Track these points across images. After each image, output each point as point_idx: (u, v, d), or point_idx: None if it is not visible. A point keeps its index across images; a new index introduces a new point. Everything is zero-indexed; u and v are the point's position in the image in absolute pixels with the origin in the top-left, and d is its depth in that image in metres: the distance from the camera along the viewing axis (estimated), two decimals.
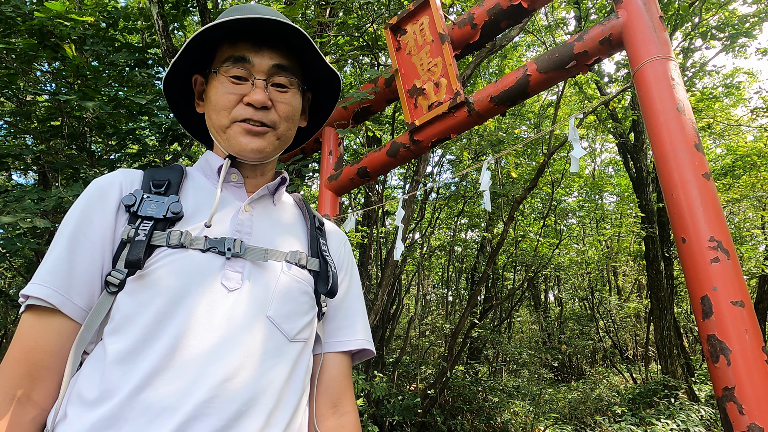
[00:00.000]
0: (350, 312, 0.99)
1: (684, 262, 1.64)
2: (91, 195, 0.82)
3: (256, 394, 0.75)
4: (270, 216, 0.93)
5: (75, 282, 0.76)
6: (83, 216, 0.80)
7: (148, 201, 0.82)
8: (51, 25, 2.64)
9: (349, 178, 3.02)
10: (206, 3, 4.09)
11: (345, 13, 4.43)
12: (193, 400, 0.70)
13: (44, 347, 0.74)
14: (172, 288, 0.76)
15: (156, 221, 0.80)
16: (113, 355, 0.73)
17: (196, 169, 0.94)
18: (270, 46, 0.88)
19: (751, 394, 1.43)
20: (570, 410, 7.39)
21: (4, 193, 2.98)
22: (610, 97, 5.31)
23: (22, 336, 0.75)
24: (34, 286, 0.75)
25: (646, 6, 1.91)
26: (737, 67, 17.47)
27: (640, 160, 8.20)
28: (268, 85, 0.87)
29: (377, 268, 7.69)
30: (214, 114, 0.88)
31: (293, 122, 0.92)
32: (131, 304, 0.75)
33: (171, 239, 0.79)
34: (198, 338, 0.74)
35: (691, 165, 1.67)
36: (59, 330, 0.75)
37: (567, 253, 10.55)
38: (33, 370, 0.73)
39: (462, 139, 6.67)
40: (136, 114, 3.26)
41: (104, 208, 0.81)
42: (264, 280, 0.83)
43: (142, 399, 0.69)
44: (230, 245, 0.81)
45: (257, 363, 0.77)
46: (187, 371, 0.72)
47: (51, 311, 0.75)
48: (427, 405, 6.13)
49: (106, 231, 0.80)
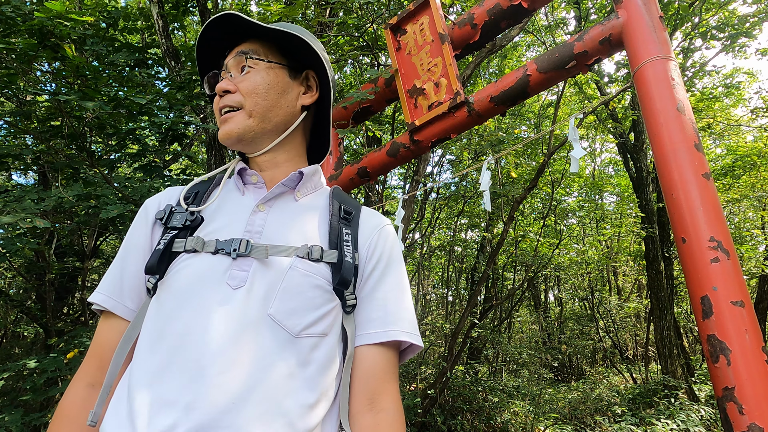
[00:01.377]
0: (383, 303, 0.92)
1: (684, 262, 1.64)
2: (139, 214, 0.97)
3: (248, 389, 0.76)
4: (287, 212, 0.94)
5: (126, 288, 0.90)
6: (131, 231, 0.95)
7: (175, 213, 0.92)
8: (51, 25, 2.64)
9: (349, 178, 3.02)
10: (206, 3, 4.09)
11: (345, 13, 4.43)
12: (189, 394, 0.74)
13: (108, 343, 0.89)
14: (179, 290, 0.83)
15: (179, 230, 0.89)
16: (138, 352, 0.83)
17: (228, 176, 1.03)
18: (240, 42, 0.97)
19: (751, 394, 1.43)
20: (570, 410, 7.39)
21: (4, 193, 2.98)
22: (610, 97, 5.31)
23: (95, 335, 0.91)
24: (95, 294, 0.91)
25: (646, 6, 1.91)
26: (737, 67, 17.47)
27: (640, 160, 8.20)
28: (229, 73, 0.96)
29: None
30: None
31: (261, 95, 0.94)
32: (154, 305, 0.86)
33: (187, 245, 0.87)
34: (198, 336, 0.79)
35: (691, 165, 1.67)
36: (117, 329, 0.90)
37: (567, 253, 10.55)
38: (102, 361, 0.88)
39: (462, 139, 6.68)
40: (136, 114, 3.26)
41: (145, 224, 0.95)
42: (269, 278, 0.84)
43: (152, 393, 0.77)
44: (236, 246, 0.85)
45: (253, 359, 0.78)
46: (188, 367, 0.77)
47: (110, 314, 0.90)
48: (427, 405, 6.13)
49: (145, 243, 0.93)
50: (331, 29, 4.29)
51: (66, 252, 5.66)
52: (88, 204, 3.15)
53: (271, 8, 3.99)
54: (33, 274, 5.41)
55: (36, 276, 5.40)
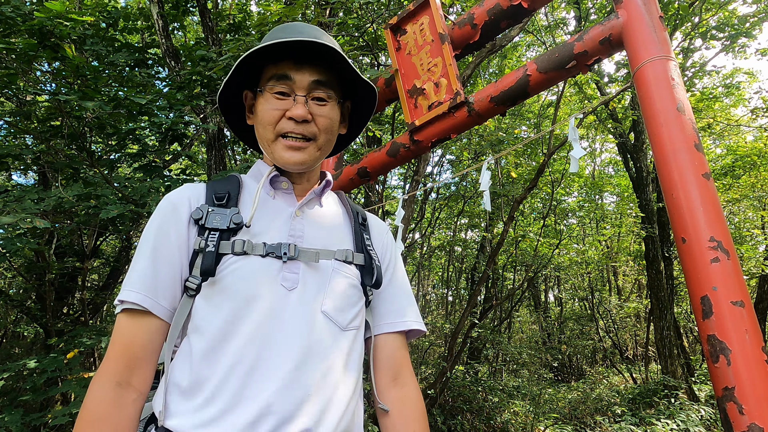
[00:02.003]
0: (398, 296, 1.10)
1: (684, 262, 1.64)
2: (165, 211, 0.95)
3: (318, 381, 0.87)
4: (318, 218, 1.03)
5: (160, 287, 0.90)
6: (161, 230, 0.93)
7: (213, 214, 0.94)
8: (51, 25, 2.64)
9: (349, 178, 3.02)
10: (206, 3, 4.09)
11: (345, 13, 4.43)
12: (268, 389, 0.83)
13: (139, 342, 0.88)
14: (240, 291, 0.88)
15: (221, 232, 0.92)
16: (198, 351, 0.87)
17: (250, 178, 1.05)
18: (310, 63, 0.96)
19: (751, 394, 1.43)
20: (570, 410, 7.39)
21: (4, 193, 2.98)
22: (610, 97, 5.31)
23: (120, 334, 0.89)
24: (128, 292, 0.89)
25: (646, 6, 1.91)
26: (737, 67, 17.47)
27: (640, 160, 8.20)
28: (308, 100, 0.96)
29: None
30: (261, 128, 0.98)
31: (332, 133, 1.01)
32: (206, 306, 0.89)
33: (235, 247, 0.91)
34: (267, 335, 0.87)
35: (691, 165, 1.67)
36: (149, 328, 0.90)
37: (567, 253, 10.55)
38: (131, 361, 0.87)
39: (462, 139, 6.68)
40: (136, 114, 3.26)
41: (177, 222, 0.94)
42: (317, 279, 0.94)
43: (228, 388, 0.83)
44: (285, 249, 0.92)
45: (318, 353, 0.89)
46: (261, 364, 0.85)
47: (143, 313, 0.89)
48: (427, 405, 6.13)
49: (182, 242, 0.93)
50: (331, 29, 4.29)
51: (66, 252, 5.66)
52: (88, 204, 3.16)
53: (271, 8, 3.99)
54: (33, 274, 5.41)
55: (36, 276, 5.40)
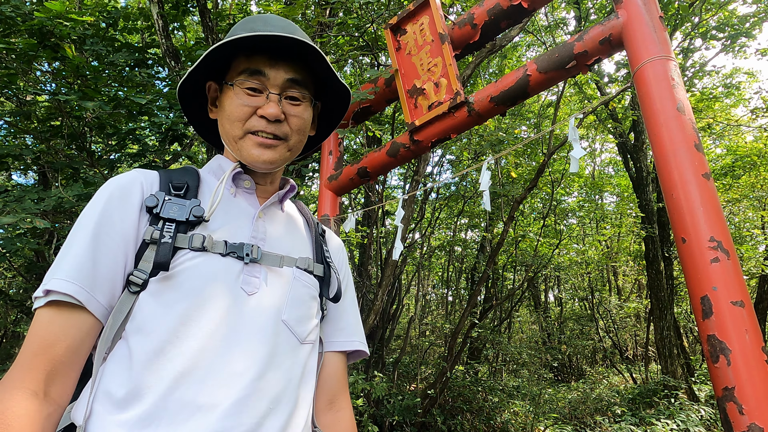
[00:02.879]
0: (347, 314, 1.05)
1: (684, 262, 1.64)
2: (112, 194, 0.83)
3: (279, 393, 0.81)
4: (279, 223, 0.97)
5: (99, 279, 0.77)
6: (105, 215, 0.81)
7: (169, 203, 0.84)
8: (51, 25, 2.64)
9: (349, 178, 3.02)
10: (206, 3, 4.09)
11: (345, 13, 4.43)
12: (228, 398, 0.75)
13: (65, 343, 0.74)
14: (196, 290, 0.79)
15: (178, 224, 0.83)
16: (141, 354, 0.75)
17: (208, 173, 0.96)
18: (285, 59, 0.91)
19: (751, 394, 1.43)
20: (570, 410, 7.39)
21: (4, 193, 2.98)
22: (610, 97, 5.31)
23: (40, 331, 0.73)
24: (58, 281, 0.74)
25: (646, 6, 1.91)
26: (737, 67, 17.47)
27: (640, 160, 8.20)
28: (281, 99, 0.90)
29: (377, 268, 7.69)
30: (228, 123, 0.91)
31: (304, 134, 0.96)
32: (155, 304, 0.78)
33: (194, 242, 0.82)
34: (224, 340, 0.78)
35: (691, 165, 1.67)
36: (81, 327, 0.76)
37: (567, 253, 10.55)
38: (52, 365, 0.73)
39: (462, 139, 6.67)
40: (136, 114, 3.26)
41: (126, 208, 0.82)
42: (279, 286, 0.88)
43: (176, 397, 0.73)
44: (248, 251, 0.85)
45: (278, 364, 0.82)
46: (218, 371, 0.76)
47: (74, 307, 0.75)
48: (427, 405, 6.13)
49: (129, 231, 0.81)
50: (331, 29, 4.29)
51: None
52: None
53: (271, 8, 3.99)
54: (33, 274, 5.41)
55: (36, 276, 5.40)
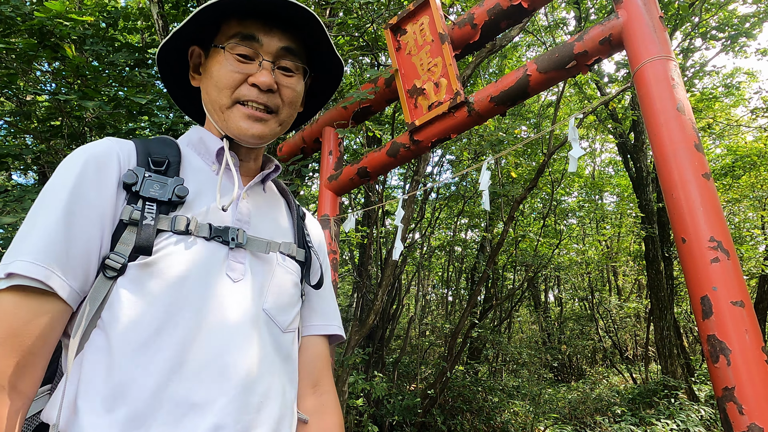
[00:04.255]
0: (326, 299, 1.02)
1: (684, 262, 1.64)
2: (86, 165, 0.73)
3: (268, 386, 0.78)
4: (263, 204, 0.92)
5: (71, 262, 0.68)
6: (79, 188, 0.71)
7: (149, 181, 0.76)
8: (51, 25, 2.64)
9: (349, 178, 3.02)
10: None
11: (345, 13, 4.43)
12: (223, 395, 0.71)
13: (34, 332, 0.65)
14: (180, 278, 0.73)
15: (159, 204, 0.75)
16: (123, 346, 0.68)
17: (187, 147, 0.88)
18: (280, 27, 0.85)
19: (751, 394, 1.43)
20: (570, 410, 7.39)
21: (4, 193, 2.97)
22: (610, 97, 5.31)
23: (4, 318, 0.65)
24: (24, 264, 0.65)
25: (646, 6, 1.91)
26: (737, 67, 17.46)
27: (640, 160, 8.20)
28: (275, 68, 0.84)
29: (377, 268, 7.69)
30: (215, 91, 0.84)
31: (295, 108, 0.91)
32: (136, 292, 0.71)
33: (177, 225, 0.75)
34: (211, 331, 0.73)
35: (691, 165, 1.67)
36: (53, 314, 0.67)
37: (567, 253, 10.54)
38: (20, 356, 0.64)
39: (462, 139, 6.67)
40: (136, 114, 3.26)
41: (102, 183, 0.73)
42: (262, 272, 0.83)
43: (168, 395, 0.68)
44: (233, 235, 0.80)
45: (265, 355, 0.79)
46: (209, 365, 0.71)
47: (43, 293, 0.66)
48: (427, 405, 6.13)
49: (106, 209, 0.73)
50: (331, 29, 4.29)
51: None
52: None
53: None
54: None
55: None
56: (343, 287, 10.17)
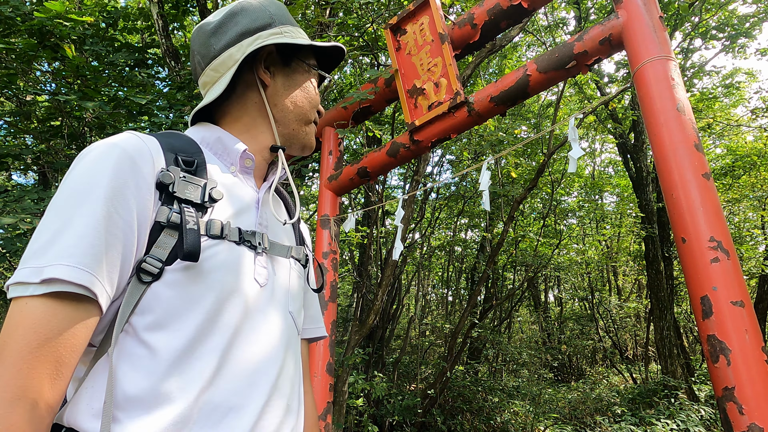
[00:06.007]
0: (314, 301, 1.05)
1: (684, 262, 1.64)
2: (120, 163, 0.68)
3: (291, 389, 0.82)
4: (274, 208, 0.93)
5: (109, 268, 0.64)
6: (115, 188, 0.66)
7: (183, 181, 0.73)
8: (51, 25, 2.64)
9: (349, 178, 3.02)
10: (206, 3, 4.09)
11: (345, 13, 4.43)
12: (258, 398, 0.73)
13: (70, 341, 0.61)
14: (221, 282, 0.72)
15: (194, 206, 0.73)
16: (166, 353, 0.66)
17: (203, 145, 0.85)
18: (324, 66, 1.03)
19: (751, 394, 1.43)
20: (570, 410, 7.39)
21: (4, 193, 2.97)
22: (610, 97, 5.31)
23: (38, 327, 0.59)
24: (66, 268, 0.60)
25: (646, 6, 1.91)
26: (737, 67, 17.47)
27: (640, 160, 8.20)
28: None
29: (377, 268, 7.69)
30: (308, 106, 0.93)
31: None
32: (177, 298, 0.68)
33: (212, 228, 0.73)
34: (247, 337, 0.75)
35: (691, 165, 1.67)
36: (88, 322, 0.63)
37: (567, 253, 10.55)
38: (54, 367, 0.59)
39: (462, 139, 6.67)
40: (136, 114, 3.26)
41: (140, 184, 0.69)
42: (282, 276, 0.86)
43: (207, 399, 0.68)
44: (260, 239, 0.81)
45: (288, 358, 0.82)
46: (245, 370, 0.73)
47: (81, 299, 0.62)
48: (427, 405, 6.13)
49: (143, 212, 0.69)
50: (331, 29, 4.29)
51: None
52: None
53: None
54: None
55: None
56: (343, 287, 10.17)
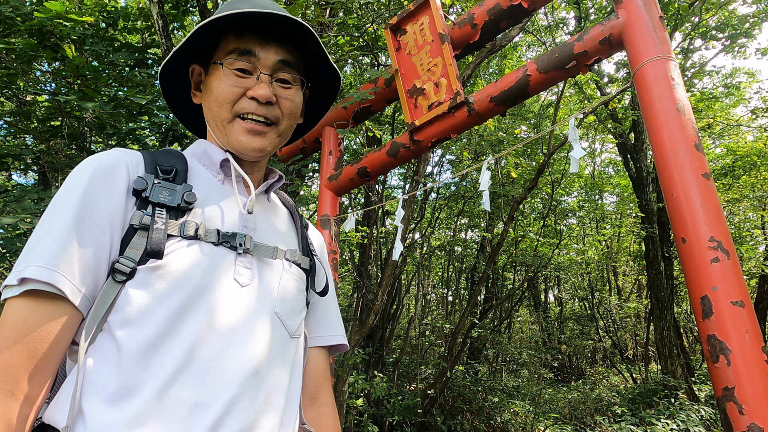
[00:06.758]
0: (329, 309, 1.04)
1: (684, 262, 1.64)
2: (95, 173, 0.75)
3: (273, 390, 0.79)
4: (267, 213, 0.94)
5: (81, 268, 0.70)
6: (88, 196, 0.73)
7: (158, 187, 0.78)
8: (51, 25, 2.64)
9: (349, 178, 3.02)
10: (206, 3, 4.09)
11: (345, 13, 4.43)
12: (225, 395, 0.72)
13: (46, 338, 0.67)
14: (190, 280, 0.74)
15: (168, 209, 0.77)
16: (131, 348, 0.69)
17: (192, 158, 0.90)
18: (277, 41, 0.87)
19: (751, 394, 1.43)
20: (570, 410, 7.39)
21: (4, 193, 2.97)
22: (610, 97, 5.31)
23: (16, 325, 0.66)
24: (37, 269, 0.66)
25: (646, 6, 1.91)
26: (737, 67, 17.47)
27: (640, 160, 8.20)
28: (273, 80, 0.86)
29: (377, 268, 7.69)
30: (216, 106, 0.86)
31: (294, 119, 0.93)
32: (146, 295, 0.72)
33: (186, 230, 0.76)
34: (218, 334, 0.74)
35: (691, 165, 1.67)
36: (63, 319, 0.68)
37: (567, 253, 10.55)
38: (31, 362, 0.66)
39: (462, 139, 6.67)
40: (136, 114, 3.26)
41: (112, 190, 0.75)
42: (270, 277, 0.85)
43: (171, 395, 0.69)
44: (241, 240, 0.81)
45: (272, 359, 0.80)
46: (213, 366, 0.72)
47: (55, 298, 0.68)
48: (427, 405, 6.13)
49: (115, 215, 0.74)
50: (331, 29, 4.29)
51: None
52: None
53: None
54: None
55: None
56: (343, 287, 10.17)
